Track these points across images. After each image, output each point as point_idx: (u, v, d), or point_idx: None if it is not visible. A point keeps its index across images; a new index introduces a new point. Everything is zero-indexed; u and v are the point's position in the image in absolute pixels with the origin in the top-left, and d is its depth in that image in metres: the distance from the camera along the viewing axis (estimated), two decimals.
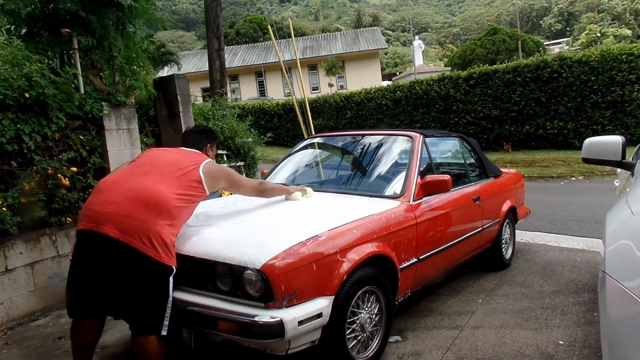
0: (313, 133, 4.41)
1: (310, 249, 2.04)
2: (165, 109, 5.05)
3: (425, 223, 2.79)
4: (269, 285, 1.89)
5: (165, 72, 16.76)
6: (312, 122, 5.50)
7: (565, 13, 59.10)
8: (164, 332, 1.98)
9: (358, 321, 2.28)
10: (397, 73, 39.36)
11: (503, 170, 4.34)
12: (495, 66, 13.00)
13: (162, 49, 13.86)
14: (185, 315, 2.06)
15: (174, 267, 2.00)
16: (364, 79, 25.59)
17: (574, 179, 9.18)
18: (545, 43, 39.36)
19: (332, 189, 3.13)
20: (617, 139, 2.48)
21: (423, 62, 34.24)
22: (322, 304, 2.03)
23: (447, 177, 2.78)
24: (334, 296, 2.10)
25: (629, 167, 2.49)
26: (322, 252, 2.07)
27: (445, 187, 2.79)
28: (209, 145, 2.60)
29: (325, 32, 44.39)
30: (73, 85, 3.86)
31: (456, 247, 3.18)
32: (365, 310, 2.33)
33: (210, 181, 2.27)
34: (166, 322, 1.99)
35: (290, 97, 13.91)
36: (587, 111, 11.44)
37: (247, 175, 6.18)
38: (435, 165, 3.33)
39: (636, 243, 1.35)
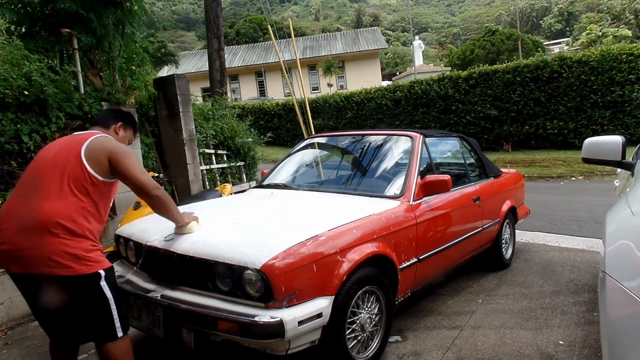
0: (313, 133, 4.41)
1: (310, 249, 2.04)
2: (165, 109, 5.05)
3: (425, 223, 2.79)
4: (269, 285, 1.89)
5: (165, 72, 16.75)
6: (312, 122, 5.50)
7: (565, 13, 59.11)
8: (120, 334, 1.95)
9: (358, 321, 2.28)
10: (397, 73, 39.36)
11: (503, 170, 4.34)
12: (495, 66, 13.00)
13: (163, 49, 13.84)
14: (185, 315, 2.06)
15: (100, 272, 1.88)
16: (364, 79, 25.59)
17: (574, 179, 9.18)
18: (545, 43, 39.39)
19: (332, 189, 3.13)
20: (617, 139, 2.48)
21: (423, 62, 34.24)
22: (322, 304, 2.03)
23: (447, 177, 2.78)
24: (334, 296, 2.10)
25: (629, 167, 2.49)
26: (322, 252, 2.07)
27: (445, 187, 2.79)
28: (120, 124, 2.24)
29: (325, 32, 44.40)
30: (72, 85, 3.86)
31: (456, 247, 3.18)
32: (365, 310, 2.33)
33: (92, 160, 1.92)
34: (118, 324, 1.94)
35: (290, 97, 13.92)
36: (587, 111, 11.44)
37: (246, 175, 6.18)
38: (435, 165, 3.33)
39: (636, 243, 1.35)
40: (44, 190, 1.87)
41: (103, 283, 1.89)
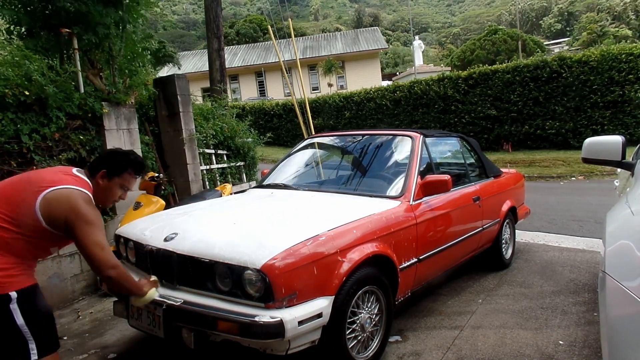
0: (313, 133, 4.41)
1: (310, 249, 2.04)
2: (165, 109, 5.05)
3: (425, 223, 2.79)
4: (269, 285, 1.89)
5: (165, 72, 16.75)
6: (312, 122, 5.50)
7: (565, 13, 59.10)
8: (34, 357, 1.78)
9: (358, 321, 2.28)
10: (397, 73, 39.36)
11: (503, 170, 4.33)
12: (494, 66, 13.00)
13: (163, 50, 13.82)
14: (185, 315, 2.06)
15: (8, 294, 1.73)
16: (364, 79, 25.58)
17: (574, 179, 9.18)
18: (545, 43, 39.39)
19: (332, 189, 3.13)
20: (617, 139, 2.48)
21: (423, 62, 34.24)
22: (322, 304, 2.03)
23: (447, 177, 2.78)
24: (334, 296, 2.10)
25: (629, 167, 2.49)
26: (322, 252, 2.07)
27: (445, 187, 2.79)
28: (102, 172, 1.97)
29: (325, 32, 44.39)
30: (73, 85, 3.86)
31: (456, 247, 3.18)
32: (365, 311, 2.33)
33: (46, 209, 1.77)
34: (32, 346, 1.78)
35: (290, 97, 13.91)
36: (586, 111, 11.44)
37: (246, 175, 6.17)
38: (435, 165, 3.33)
39: (636, 243, 1.35)
40: None
41: (13, 306, 1.74)
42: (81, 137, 3.83)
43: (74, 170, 1.96)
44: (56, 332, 1.92)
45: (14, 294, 1.75)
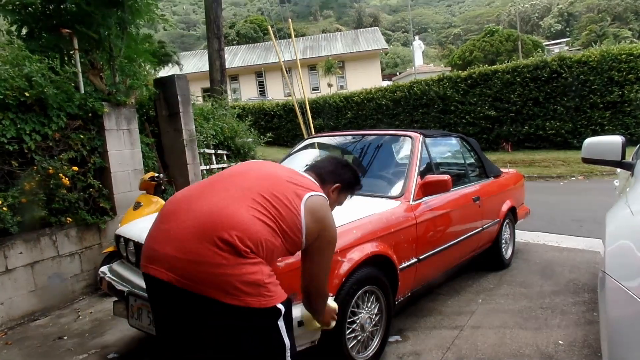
0: (313, 133, 4.41)
1: None
2: (166, 109, 5.06)
3: (425, 223, 2.79)
4: None
5: (165, 72, 16.76)
6: (312, 123, 5.50)
7: (565, 13, 59.08)
8: None
9: (358, 321, 2.28)
10: (397, 73, 39.35)
11: (503, 170, 4.34)
12: (494, 66, 13.00)
13: (163, 49, 13.85)
14: None
15: (279, 307, 1.41)
16: (364, 79, 25.56)
17: (574, 179, 9.18)
18: (545, 43, 39.39)
19: None
20: (617, 139, 2.48)
21: (423, 63, 34.23)
22: None
23: (447, 177, 2.78)
24: (333, 296, 2.10)
25: (629, 167, 2.49)
26: None
27: (445, 187, 2.79)
28: (337, 186, 1.79)
29: (325, 32, 44.38)
30: (73, 85, 3.87)
31: (456, 247, 3.18)
32: (365, 310, 2.33)
33: (310, 222, 1.51)
34: None
35: (290, 97, 13.92)
36: (586, 111, 11.44)
37: None
38: (435, 165, 3.33)
39: (636, 243, 1.35)
40: (245, 192, 1.47)
41: (280, 322, 1.43)
42: (82, 137, 3.83)
43: (310, 176, 1.73)
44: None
45: (281, 307, 1.42)
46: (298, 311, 1.94)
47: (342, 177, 1.82)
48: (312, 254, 1.59)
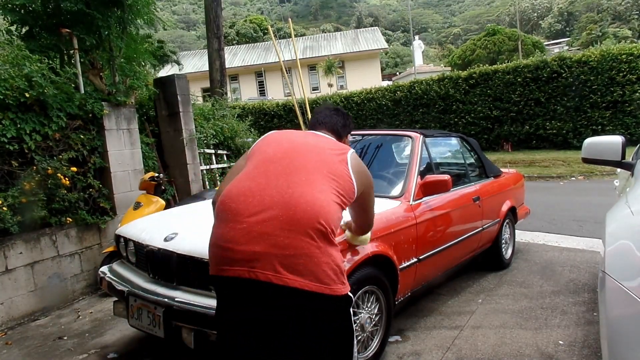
0: None
1: None
2: (166, 109, 5.06)
3: (425, 223, 2.79)
4: None
5: (165, 72, 16.76)
6: None
7: (565, 13, 59.06)
8: None
9: (358, 321, 2.28)
10: (397, 73, 39.36)
11: (503, 170, 4.34)
12: (495, 66, 13.01)
13: (162, 49, 13.84)
14: (185, 315, 2.06)
15: (350, 294, 1.47)
16: (364, 79, 25.55)
17: (574, 179, 9.18)
18: (545, 43, 39.35)
19: None
20: (617, 139, 2.48)
21: (423, 62, 34.24)
22: None
23: (447, 177, 2.78)
24: None
25: (629, 167, 2.49)
26: None
27: (445, 187, 2.79)
28: (349, 136, 1.93)
29: (325, 32, 44.38)
30: (73, 85, 3.87)
31: (456, 247, 3.18)
32: (365, 310, 2.33)
33: (358, 180, 1.55)
34: None
35: (290, 98, 13.92)
36: (586, 111, 11.45)
37: None
38: (435, 165, 3.33)
39: (636, 243, 1.35)
40: (312, 176, 1.46)
41: (351, 311, 1.49)
42: (82, 137, 3.83)
43: (327, 134, 1.79)
44: None
45: (350, 294, 1.46)
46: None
47: (351, 127, 1.94)
48: (363, 201, 1.67)
